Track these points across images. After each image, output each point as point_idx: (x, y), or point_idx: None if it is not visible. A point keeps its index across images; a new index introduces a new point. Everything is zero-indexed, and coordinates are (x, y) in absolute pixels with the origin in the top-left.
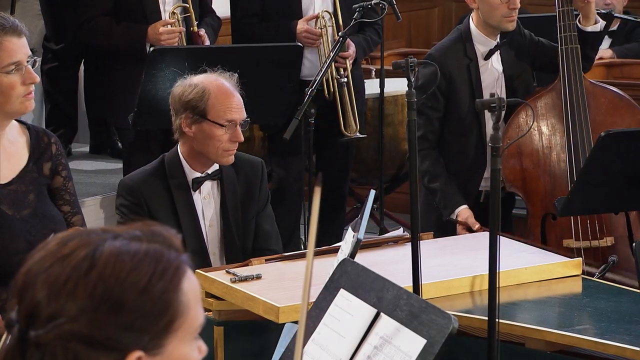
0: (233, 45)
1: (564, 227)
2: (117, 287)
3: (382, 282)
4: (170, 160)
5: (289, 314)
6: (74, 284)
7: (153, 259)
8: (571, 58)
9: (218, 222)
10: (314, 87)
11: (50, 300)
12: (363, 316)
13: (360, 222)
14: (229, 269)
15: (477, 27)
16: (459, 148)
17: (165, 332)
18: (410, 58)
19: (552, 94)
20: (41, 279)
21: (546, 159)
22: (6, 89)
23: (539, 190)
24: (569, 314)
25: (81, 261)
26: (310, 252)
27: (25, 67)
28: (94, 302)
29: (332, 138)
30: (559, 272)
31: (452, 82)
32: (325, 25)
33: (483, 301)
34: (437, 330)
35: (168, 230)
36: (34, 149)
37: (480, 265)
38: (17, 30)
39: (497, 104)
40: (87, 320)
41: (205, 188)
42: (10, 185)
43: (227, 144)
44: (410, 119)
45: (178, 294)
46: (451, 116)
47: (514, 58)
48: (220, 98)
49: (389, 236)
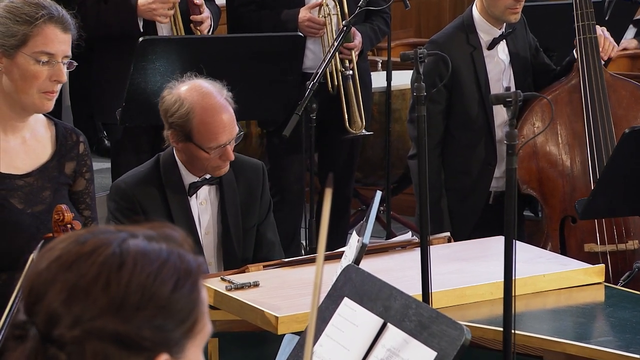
0: (229, 35)
1: (585, 231)
2: (148, 284)
3: (389, 290)
4: (165, 162)
5: (289, 325)
6: (105, 281)
7: (177, 260)
8: (590, 48)
9: (215, 229)
10: (315, 80)
11: (75, 298)
12: (369, 327)
13: (365, 225)
14: (224, 276)
15: (480, 15)
16: (465, 142)
17: (189, 334)
18: (420, 49)
19: (569, 87)
20: (61, 278)
21: (564, 158)
22: (30, 76)
23: (557, 192)
24: (591, 325)
25: (110, 257)
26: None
27: (57, 64)
28: (127, 298)
29: (335, 135)
30: (580, 280)
31: (455, 72)
32: (329, 14)
33: (498, 311)
34: (448, 342)
35: (180, 233)
36: (59, 146)
37: (494, 272)
38: (64, 24)
39: (513, 98)
40: (118, 317)
41: (202, 193)
42: (26, 178)
43: (216, 162)
44: (419, 115)
45: (201, 295)
46: (456, 109)
47: (520, 50)
48: (206, 121)
49: (397, 241)
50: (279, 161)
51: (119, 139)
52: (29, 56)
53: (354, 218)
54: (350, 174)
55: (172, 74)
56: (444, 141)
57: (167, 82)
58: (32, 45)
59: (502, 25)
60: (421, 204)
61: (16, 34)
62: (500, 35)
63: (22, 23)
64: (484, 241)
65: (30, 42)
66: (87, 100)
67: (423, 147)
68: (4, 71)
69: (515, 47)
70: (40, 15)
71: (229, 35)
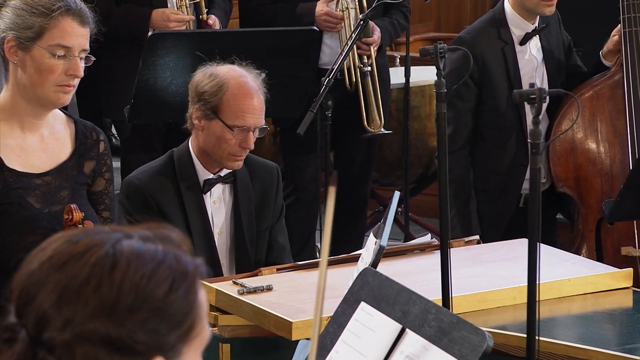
0: (242, 30)
1: (623, 233)
2: (142, 285)
3: (408, 295)
4: (180, 157)
5: (303, 330)
6: (97, 282)
7: (174, 261)
8: (636, 42)
9: (228, 229)
10: (331, 76)
11: (66, 300)
12: (386, 332)
13: (383, 227)
14: (236, 279)
15: (512, 9)
16: (496, 142)
17: (185, 338)
18: (440, 44)
19: (612, 82)
20: (52, 279)
21: (603, 156)
22: (45, 70)
23: (595, 191)
24: (618, 331)
25: (102, 258)
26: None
27: (74, 58)
28: (120, 300)
29: (352, 134)
30: (607, 284)
31: (485, 68)
32: (347, 7)
33: (521, 316)
34: (469, 348)
35: (177, 233)
36: (79, 145)
37: (518, 275)
38: (81, 17)
39: (537, 95)
40: (110, 320)
41: (216, 191)
42: (44, 177)
43: (235, 147)
44: (439, 112)
45: (198, 298)
46: (486, 107)
47: (554, 47)
48: (237, 97)
49: (415, 243)
50: (293, 160)
51: (129, 137)
52: (45, 49)
53: (371, 219)
54: (367, 174)
55: (182, 70)
56: (473, 140)
57: (177, 78)
58: (48, 38)
59: (535, 20)
60: (441, 204)
61: (32, 26)
62: (534, 30)
63: (39, 15)
64: (507, 244)
65: (46, 35)
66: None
67: (443, 145)
68: (19, 65)
69: (549, 43)
70: (57, 7)
71: (241, 29)
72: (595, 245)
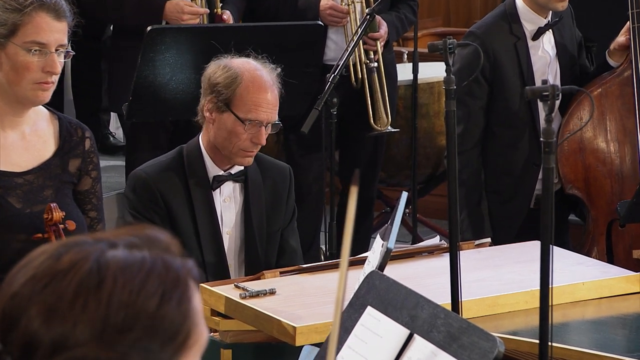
0: (244, 25)
1: (635, 235)
2: (131, 301)
3: (416, 299)
4: (189, 151)
5: (308, 335)
6: (83, 302)
7: (163, 268)
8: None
9: (238, 230)
10: (336, 72)
11: (52, 324)
12: (394, 338)
13: (390, 229)
14: (238, 282)
15: (524, 3)
16: (508, 141)
17: (181, 350)
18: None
19: (621, 80)
20: (37, 300)
21: (613, 156)
22: (20, 67)
23: (605, 193)
24: (634, 337)
25: (87, 275)
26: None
27: (51, 54)
28: (109, 321)
29: (358, 132)
30: (622, 288)
31: (497, 64)
32: (353, 1)
33: (533, 321)
34: (479, 354)
35: (164, 235)
36: (63, 143)
37: (530, 279)
38: (57, 11)
39: (549, 92)
40: (101, 342)
41: (227, 189)
42: (26, 176)
43: (246, 142)
44: (448, 110)
45: (192, 304)
46: (498, 105)
47: (567, 42)
48: (251, 90)
49: (424, 245)
50: (297, 160)
51: (134, 135)
52: (20, 46)
53: (377, 221)
54: (374, 174)
55: (182, 67)
56: (484, 139)
57: (177, 74)
58: (22, 34)
59: (547, 14)
60: (450, 205)
61: (5, 22)
62: (546, 24)
63: (12, 11)
64: (519, 246)
65: (20, 32)
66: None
67: (453, 144)
68: None
69: (562, 38)
70: (30, 3)
71: (243, 24)
72: (606, 248)
